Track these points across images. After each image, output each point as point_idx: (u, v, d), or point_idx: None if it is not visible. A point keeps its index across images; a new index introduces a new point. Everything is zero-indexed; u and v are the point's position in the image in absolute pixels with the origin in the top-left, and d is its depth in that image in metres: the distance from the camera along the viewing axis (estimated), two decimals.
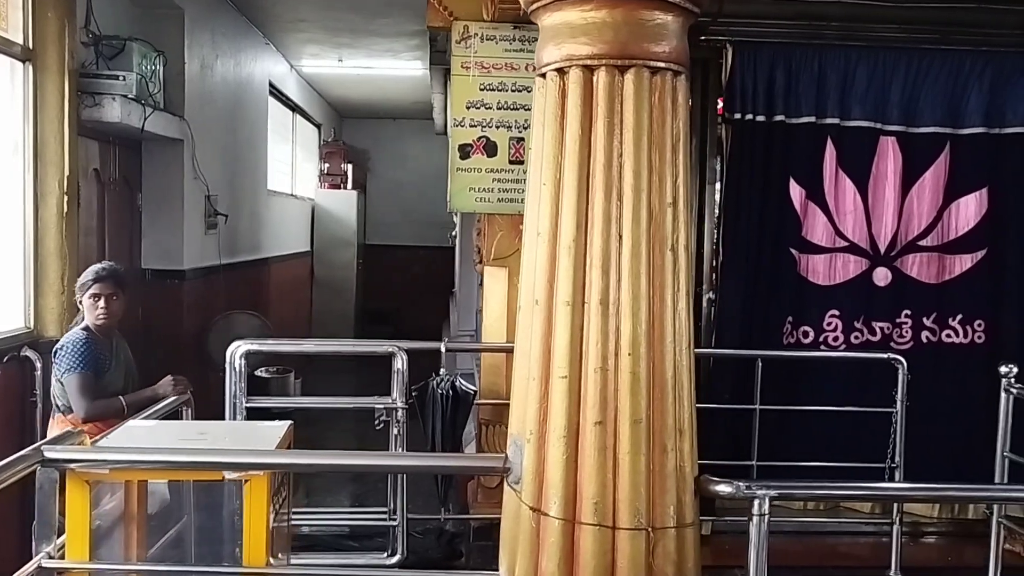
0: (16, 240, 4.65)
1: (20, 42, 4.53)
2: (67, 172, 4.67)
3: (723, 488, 2.17)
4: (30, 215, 4.62)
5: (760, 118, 4.71)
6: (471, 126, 4.58)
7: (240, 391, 4.06)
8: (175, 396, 3.72)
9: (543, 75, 2.21)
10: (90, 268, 4.03)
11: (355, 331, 12.08)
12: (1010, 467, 3.84)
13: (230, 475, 2.28)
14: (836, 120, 4.75)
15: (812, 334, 4.86)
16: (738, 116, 4.70)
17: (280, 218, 9.75)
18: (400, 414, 4.08)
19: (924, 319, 4.85)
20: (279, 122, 10.09)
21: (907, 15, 4.72)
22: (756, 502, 2.12)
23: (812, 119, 4.73)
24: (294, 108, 10.80)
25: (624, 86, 2.09)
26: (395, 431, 4.12)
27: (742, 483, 2.16)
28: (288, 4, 7.44)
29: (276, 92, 9.59)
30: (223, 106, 7.24)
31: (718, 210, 4.87)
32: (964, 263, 4.83)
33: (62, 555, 2.30)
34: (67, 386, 3.81)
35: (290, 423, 2.71)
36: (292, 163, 11.01)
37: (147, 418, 2.95)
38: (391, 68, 9.75)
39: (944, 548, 4.87)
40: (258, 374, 8.01)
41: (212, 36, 6.83)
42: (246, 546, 2.29)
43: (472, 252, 5.47)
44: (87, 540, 2.25)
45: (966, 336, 4.84)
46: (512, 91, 4.59)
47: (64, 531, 2.32)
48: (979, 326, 4.83)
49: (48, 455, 2.20)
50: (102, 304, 3.89)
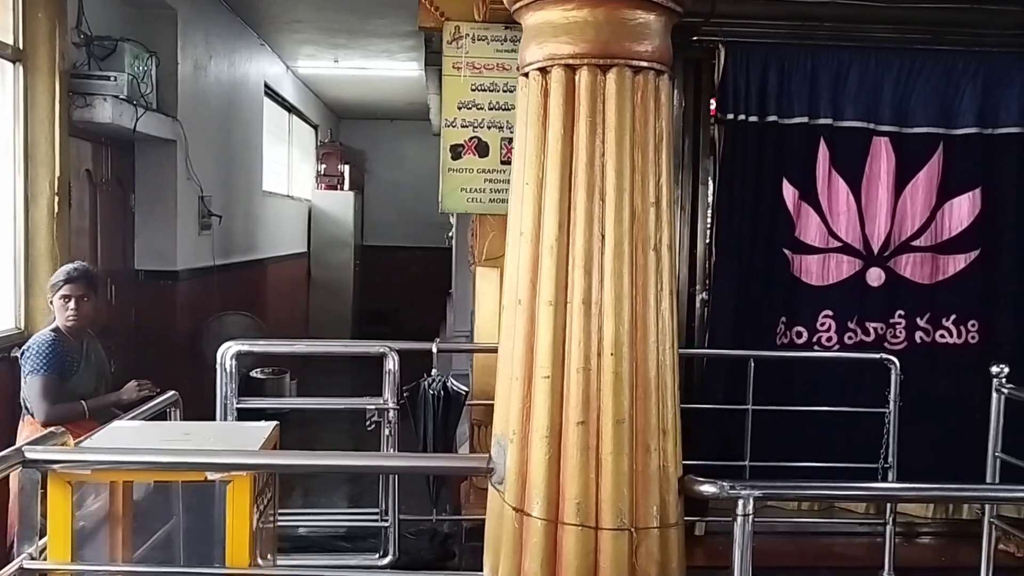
0: (7, 241, 4.64)
1: (10, 43, 4.53)
2: (58, 173, 4.66)
3: (707, 488, 2.16)
4: (21, 216, 4.62)
5: (753, 118, 4.70)
6: (462, 126, 4.58)
7: (231, 392, 4.04)
8: (139, 401, 3.63)
9: (526, 74, 2.20)
10: (61, 268, 3.98)
11: (352, 332, 12.08)
12: (1002, 467, 3.83)
13: (212, 476, 2.27)
14: (829, 120, 4.74)
15: (806, 334, 4.85)
16: (731, 116, 4.69)
17: (276, 219, 9.73)
18: (391, 415, 4.08)
19: (918, 319, 4.84)
20: (275, 123, 10.08)
21: (899, 15, 4.71)
22: (740, 502, 2.11)
23: (805, 119, 4.72)
24: (290, 109, 10.78)
25: (606, 85, 2.08)
26: (386, 432, 4.12)
27: (726, 483, 2.15)
28: (283, 5, 7.42)
29: (272, 93, 9.57)
30: (217, 107, 7.23)
31: (711, 210, 4.87)
32: (958, 263, 4.82)
33: (45, 556, 2.29)
34: (29, 388, 3.77)
35: (276, 424, 2.70)
36: (288, 164, 10.99)
37: (133, 419, 2.93)
38: (387, 69, 9.74)
39: (938, 548, 4.86)
40: (253, 375, 8.02)
41: (206, 37, 6.82)
42: (229, 547, 2.28)
43: (467, 253, 5.46)
44: (69, 541, 2.24)
45: (960, 336, 4.83)
46: (503, 91, 4.57)
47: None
48: (973, 326, 4.82)
49: (29, 456, 2.19)
50: (72, 305, 3.84)
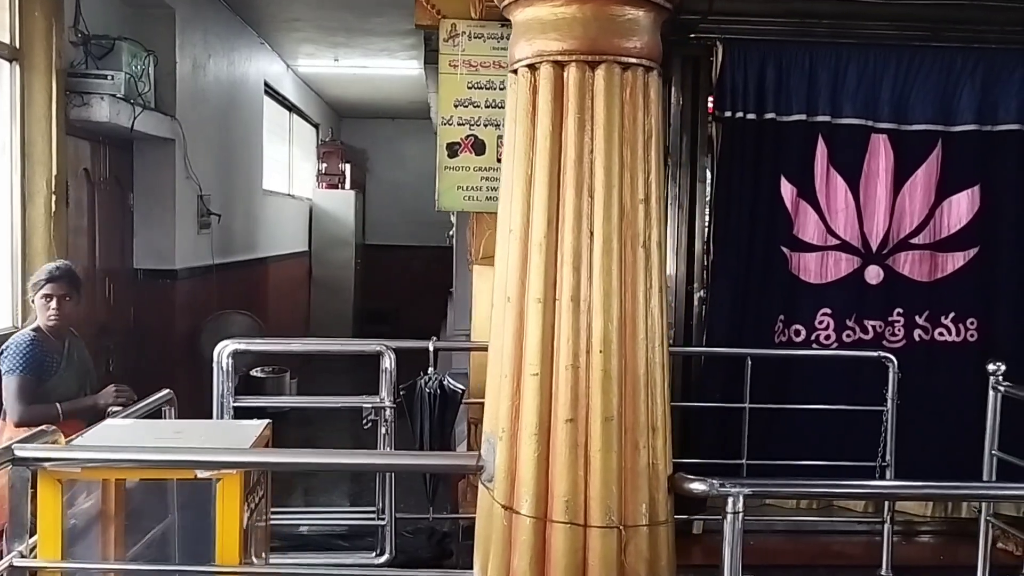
0: (4, 240, 4.65)
1: (7, 42, 4.53)
2: (55, 171, 4.66)
3: (697, 486, 2.15)
4: (18, 214, 4.62)
5: (751, 116, 4.70)
6: (459, 124, 4.57)
7: (227, 390, 4.04)
8: (117, 406, 3.54)
9: (515, 71, 2.20)
10: (43, 267, 3.93)
11: (354, 331, 12.06)
12: (998, 465, 3.81)
13: (202, 474, 2.27)
14: (827, 118, 4.73)
15: (804, 332, 4.84)
16: (728, 114, 4.69)
17: (276, 218, 9.73)
18: (388, 413, 4.08)
19: (916, 317, 4.83)
20: (275, 122, 10.08)
21: (898, 12, 4.70)
22: (730, 500, 2.10)
23: (803, 117, 4.72)
24: (291, 108, 10.78)
25: (595, 82, 2.08)
26: (383, 430, 4.12)
27: (716, 481, 2.14)
28: (281, 3, 7.40)
29: (272, 92, 9.57)
30: (216, 106, 7.23)
31: (709, 208, 4.86)
32: (956, 261, 4.81)
33: (35, 555, 2.29)
34: (4, 388, 3.71)
35: (267, 422, 2.69)
36: (289, 163, 11.00)
37: (126, 417, 2.93)
38: (387, 68, 9.73)
39: (937, 547, 4.85)
40: (253, 374, 8.03)
41: (204, 36, 6.82)
42: (219, 545, 2.27)
43: (467, 251, 5.45)
44: (59, 539, 2.24)
45: (959, 334, 4.82)
46: (500, 89, 4.55)
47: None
48: (972, 324, 4.81)
49: (19, 454, 2.19)
50: (54, 305, 3.77)
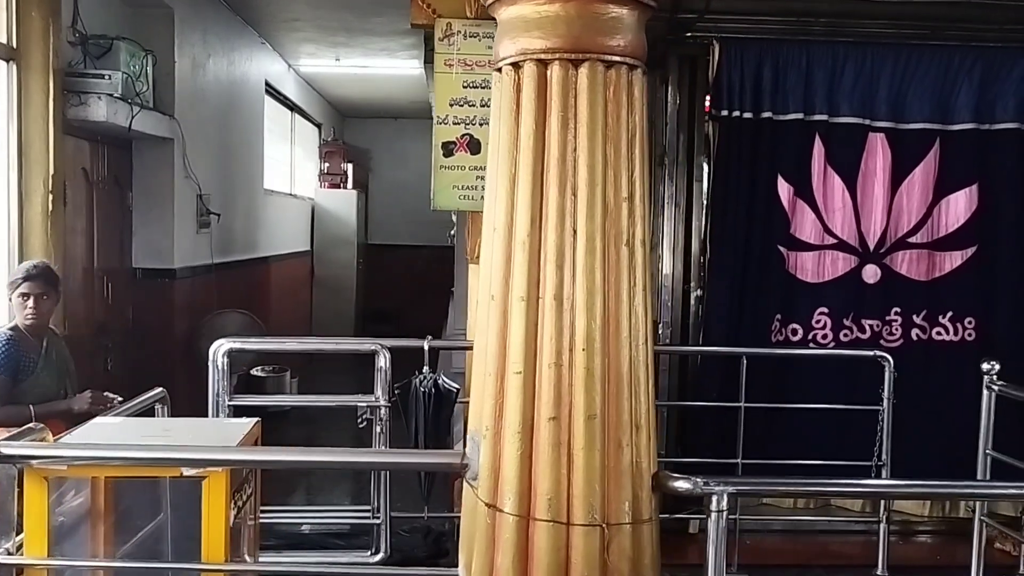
0: (1, 239, 4.65)
1: (4, 42, 4.54)
2: (52, 171, 4.67)
3: (681, 484, 2.15)
4: (15, 214, 4.63)
5: (748, 115, 4.70)
6: (454, 123, 4.56)
7: (223, 389, 4.04)
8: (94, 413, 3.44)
9: (499, 70, 2.20)
10: (20, 266, 3.92)
11: (356, 331, 12.05)
12: (992, 465, 3.80)
13: (188, 472, 2.27)
14: (824, 117, 4.73)
15: (801, 332, 4.83)
16: (725, 113, 4.69)
17: (278, 217, 9.74)
18: (383, 412, 4.08)
19: (914, 316, 4.82)
20: (277, 122, 10.08)
21: (895, 11, 4.70)
22: (714, 498, 2.09)
23: (800, 116, 4.72)
24: (292, 108, 10.79)
25: (578, 80, 2.07)
26: (378, 429, 4.12)
27: (700, 479, 2.14)
28: (281, 3, 7.40)
29: (273, 92, 9.57)
30: (216, 105, 7.24)
31: (705, 207, 4.86)
32: (954, 260, 4.81)
33: (22, 552, 2.30)
34: None
35: (256, 420, 2.70)
36: (291, 163, 11.01)
37: (117, 415, 2.94)
38: (388, 67, 9.73)
39: (935, 547, 4.85)
40: (254, 373, 8.05)
41: (204, 35, 6.83)
42: (204, 543, 2.27)
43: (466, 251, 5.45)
44: (45, 537, 2.24)
45: (956, 334, 4.81)
46: None
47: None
48: (969, 323, 4.81)
49: (4, 451, 2.19)
50: (31, 304, 3.75)
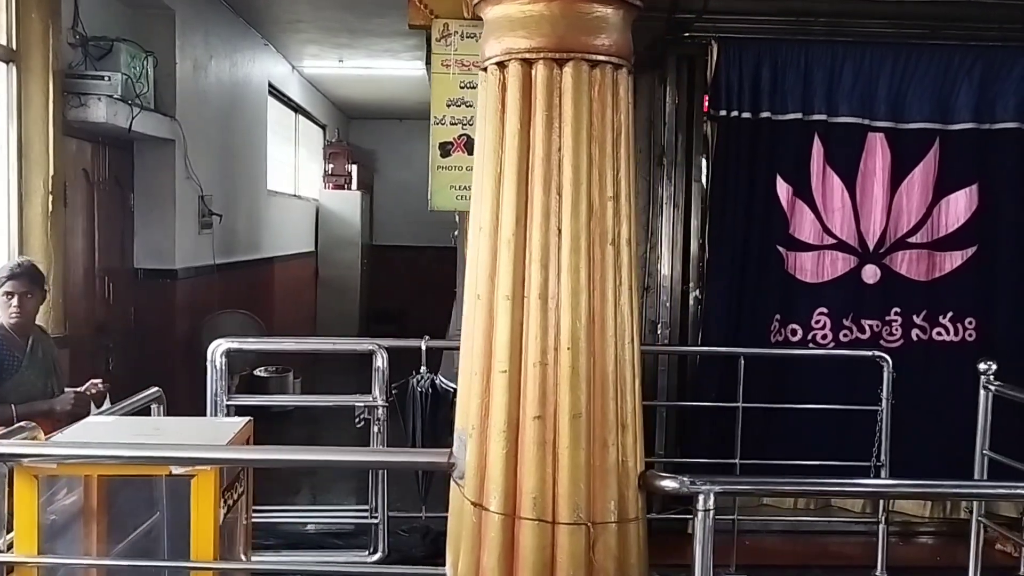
0: (1, 240, 4.67)
1: (4, 43, 4.56)
2: (52, 172, 4.69)
3: (667, 483, 2.15)
4: (15, 215, 4.65)
5: (746, 115, 4.69)
6: (451, 124, 4.58)
7: (221, 389, 4.07)
8: (75, 412, 3.51)
9: (485, 69, 2.20)
10: (4, 264, 3.90)
11: (360, 331, 12.06)
12: (990, 465, 3.78)
13: (177, 470, 2.28)
14: (823, 116, 4.72)
15: (800, 332, 4.82)
16: (724, 113, 4.68)
17: (281, 218, 9.76)
18: (380, 412, 4.09)
19: (914, 317, 4.81)
20: (281, 123, 10.10)
21: (895, 10, 4.69)
22: (700, 497, 2.09)
23: (799, 116, 4.71)
24: (296, 109, 10.80)
25: (563, 79, 2.08)
26: (375, 429, 4.13)
27: (686, 478, 2.14)
28: (283, 5, 7.41)
29: (277, 93, 9.59)
30: (218, 106, 7.26)
31: (704, 208, 4.85)
32: (954, 260, 4.79)
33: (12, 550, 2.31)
34: None
35: (249, 419, 2.71)
36: (295, 164, 11.02)
37: (112, 414, 2.96)
38: (392, 68, 9.74)
39: (935, 548, 4.84)
40: (257, 373, 8.06)
41: (205, 37, 6.85)
42: (193, 542, 2.28)
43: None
44: (36, 535, 2.25)
45: (956, 334, 4.80)
46: None
47: None
48: (970, 324, 4.79)
49: None
50: (15, 303, 3.70)
